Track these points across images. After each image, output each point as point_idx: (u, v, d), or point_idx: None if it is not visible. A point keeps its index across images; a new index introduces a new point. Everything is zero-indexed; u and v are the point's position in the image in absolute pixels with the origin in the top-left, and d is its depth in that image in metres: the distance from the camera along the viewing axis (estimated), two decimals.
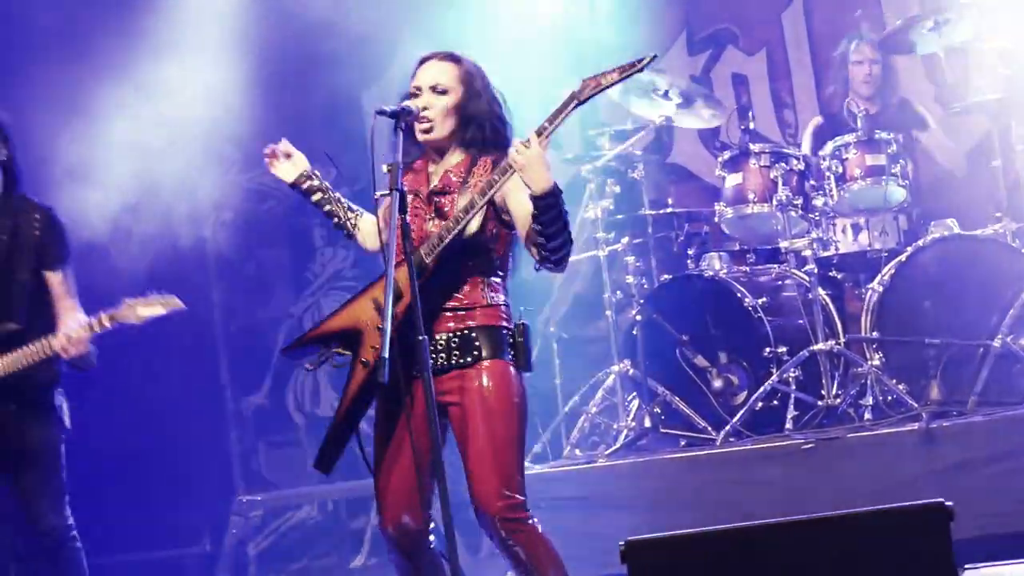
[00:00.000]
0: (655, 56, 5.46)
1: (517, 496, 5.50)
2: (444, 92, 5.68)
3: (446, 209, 5.60)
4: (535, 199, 5.35)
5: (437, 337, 5.54)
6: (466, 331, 5.56)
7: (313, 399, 11.25)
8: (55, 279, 6.84)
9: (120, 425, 10.27)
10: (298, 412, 11.29)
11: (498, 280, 5.68)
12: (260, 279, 11.38)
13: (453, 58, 5.77)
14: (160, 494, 10.40)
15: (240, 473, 11.21)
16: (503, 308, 5.65)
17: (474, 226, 5.51)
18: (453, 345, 5.55)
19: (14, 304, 6.75)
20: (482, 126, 5.70)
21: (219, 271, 11.25)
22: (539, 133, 5.36)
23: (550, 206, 5.36)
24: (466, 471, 5.54)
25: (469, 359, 5.54)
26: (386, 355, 4.93)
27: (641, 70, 5.40)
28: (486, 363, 5.55)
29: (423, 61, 5.78)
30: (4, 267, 6.76)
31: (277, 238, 11.37)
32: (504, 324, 5.62)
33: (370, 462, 5.66)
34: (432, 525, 5.71)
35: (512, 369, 5.59)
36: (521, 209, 5.51)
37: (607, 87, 5.41)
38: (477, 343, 5.55)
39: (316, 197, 6.06)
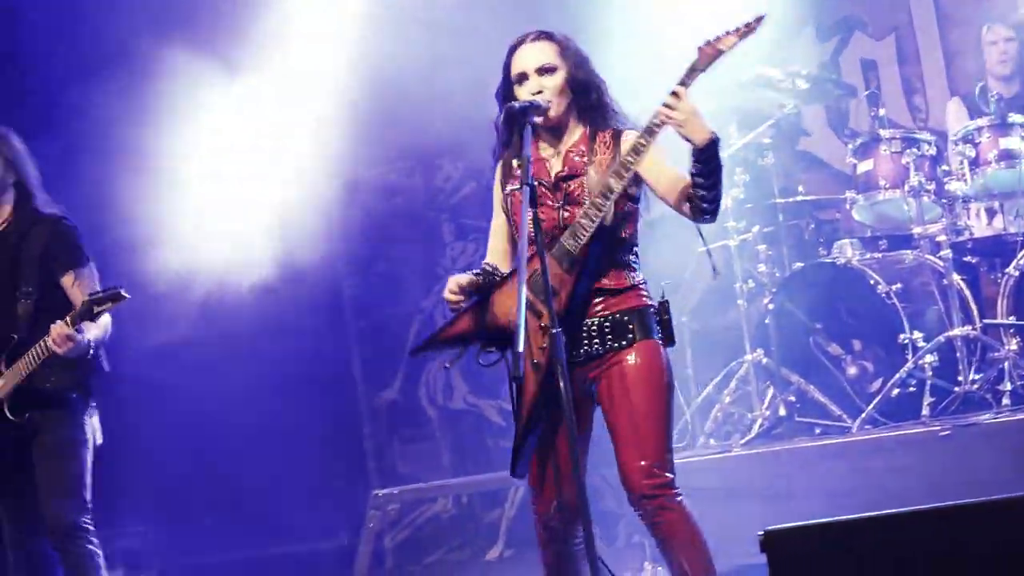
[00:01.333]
0: (764, 15, 5.41)
1: (665, 474, 5.46)
2: (552, 70, 5.63)
3: (576, 194, 5.57)
4: (699, 152, 5.30)
5: (588, 323, 5.50)
6: (618, 315, 5.52)
7: (445, 393, 11.32)
8: (67, 282, 6.89)
9: (255, 423, 10.42)
10: (431, 406, 11.36)
11: (635, 259, 5.62)
12: (390, 275, 11.47)
13: (546, 35, 5.71)
14: (297, 489, 10.53)
15: (375, 468, 11.31)
16: (644, 286, 5.62)
17: (609, 209, 5.46)
18: (606, 330, 5.51)
19: (17, 317, 6.85)
20: (592, 93, 5.68)
21: (349, 268, 11.35)
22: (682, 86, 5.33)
23: (712, 156, 5.31)
24: (616, 449, 5.50)
25: (624, 342, 5.50)
26: (520, 349, 4.93)
27: (755, 30, 5.37)
28: (638, 344, 5.51)
29: (516, 47, 5.72)
30: (8, 282, 6.90)
31: (406, 233, 11.45)
32: (650, 303, 5.58)
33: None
34: None
35: (662, 347, 5.56)
36: (665, 176, 5.49)
37: (727, 51, 5.36)
38: (631, 326, 5.50)
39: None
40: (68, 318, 6.58)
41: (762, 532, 4.11)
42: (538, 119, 5.53)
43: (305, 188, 10.11)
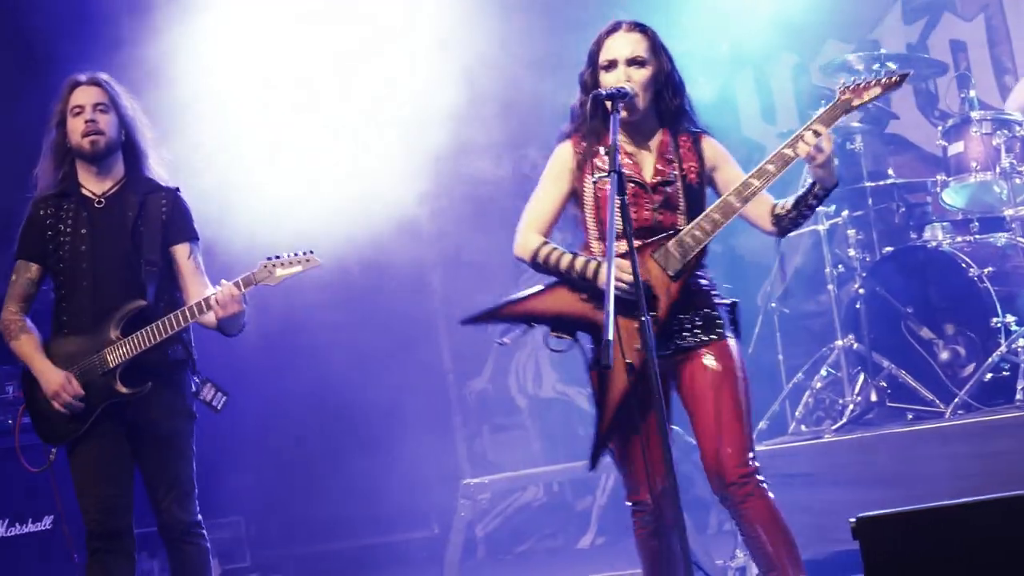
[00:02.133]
0: (910, 72, 5.68)
1: (755, 462, 5.57)
2: (643, 64, 5.66)
3: (674, 200, 5.65)
4: (823, 192, 5.56)
5: (681, 318, 5.58)
6: (706, 311, 5.65)
7: (535, 381, 11.32)
8: (181, 254, 6.65)
9: (345, 413, 10.46)
10: (521, 395, 11.37)
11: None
12: (479, 264, 11.47)
13: (641, 28, 5.74)
14: (388, 479, 10.57)
15: (466, 457, 11.34)
16: (716, 285, 5.76)
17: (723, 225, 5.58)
18: (697, 323, 5.63)
19: (143, 281, 6.56)
20: (676, 97, 5.71)
21: (437, 258, 11.37)
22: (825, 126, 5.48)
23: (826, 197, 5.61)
24: (703, 437, 5.58)
25: (713, 336, 5.63)
26: (610, 337, 4.93)
27: (899, 85, 5.55)
28: (726, 339, 5.66)
29: (608, 33, 5.74)
30: (133, 244, 6.61)
31: (494, 222, 11.44)
32: (727, 302, 5.71)
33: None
34: None
35: (739, 343, 5.71)
36: (763, 203, 5.65)
37: (869, 101, 5.55)
38: (719, 321, 5.66)
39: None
40: (241, 280, 6.43)
41: (854, 519, 4.09)
42: (624, 111, 5.53)
43: (393, 178, 10.12)
